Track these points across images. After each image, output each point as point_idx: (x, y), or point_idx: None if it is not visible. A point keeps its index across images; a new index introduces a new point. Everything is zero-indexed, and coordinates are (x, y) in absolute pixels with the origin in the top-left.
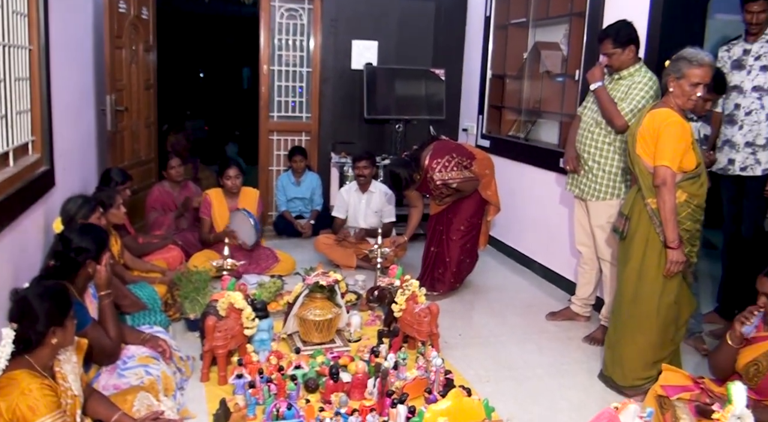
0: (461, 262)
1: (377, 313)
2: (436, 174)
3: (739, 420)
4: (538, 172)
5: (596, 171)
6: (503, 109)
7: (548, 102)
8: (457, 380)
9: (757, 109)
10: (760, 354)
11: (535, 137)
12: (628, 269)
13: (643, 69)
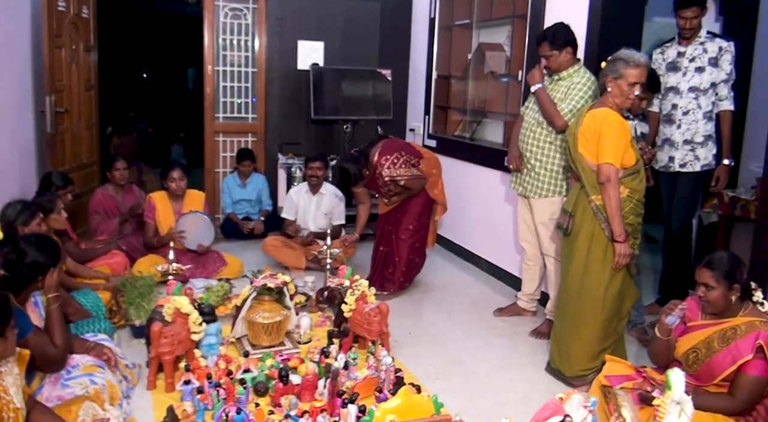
0: (410, 261)
1: (327, 314)
2: (384, 170)
3: (679, 405)
4: (484, 171)
5: (538, 169)
6: (449, 109)
7: (493, 102)
8: (407, 378)
9: (694, 109)
10: (698, 341)
11: (480, 137)
12: (573, 264)
13: (582, 70)
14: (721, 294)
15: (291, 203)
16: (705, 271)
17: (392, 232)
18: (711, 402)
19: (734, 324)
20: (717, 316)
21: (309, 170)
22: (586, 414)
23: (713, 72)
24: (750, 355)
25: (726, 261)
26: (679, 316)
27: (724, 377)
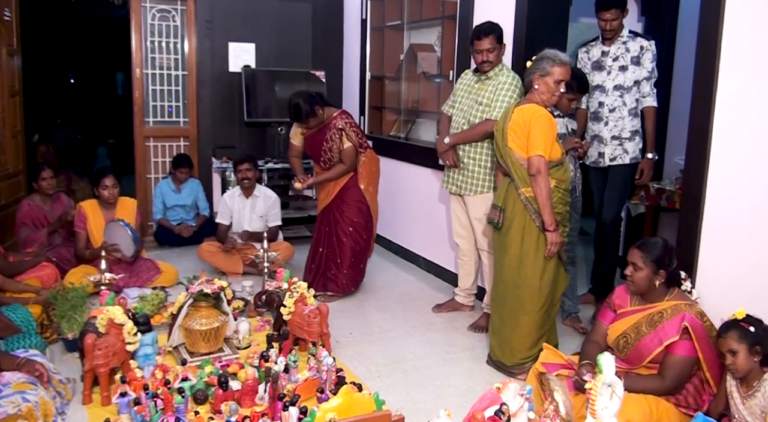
0: (354, 265)
1: (266, 318)
2: (340, 121)
3: (610, 387)
4: (419, 170)
5: (472, 167)
6: (384, 109)
7: (426, 102)
8: (348, 377)
9: (619, 106)
10: (628, 327)
11: (415, 136)
12: (508, 257)
13: (505, 69)
14: (646, 276)
15: (225, 207)
16: (636, 252)
17: (331, 234)
18: (642, 384)
19: (661, 308)
20: (645, 302)
21: (239, 173)
22: (522, 401)
23: (636, 70)
24: (676, 337)
25: (658, 247)
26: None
27: (653, 358)
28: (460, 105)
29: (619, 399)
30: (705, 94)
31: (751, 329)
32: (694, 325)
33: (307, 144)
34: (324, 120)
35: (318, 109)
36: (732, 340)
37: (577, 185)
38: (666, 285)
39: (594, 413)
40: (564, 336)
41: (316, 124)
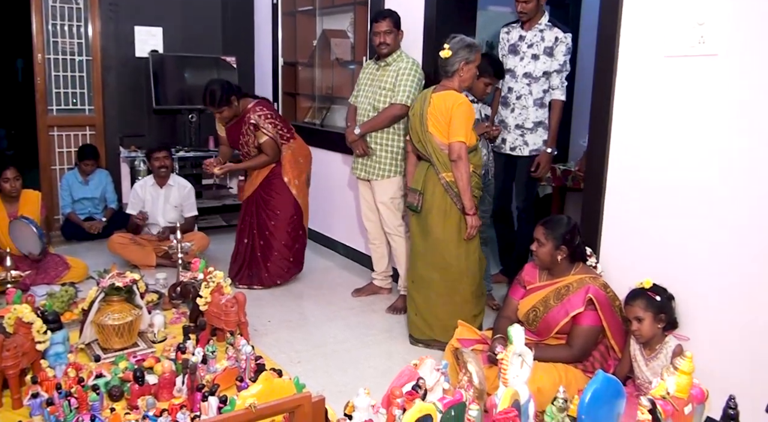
0: (278, 259)
1: (182, 310)
2: (254, 116)
3: (520, 356)
4: (335, 156)
5: (379, 152)
6: (298, 96)
7: (340, 88)
8: (268, 364)
9: (526, 95)
10: (537, 301)
11: (330, 123)
12: (431, 240)
13: (404, 55)
14: (549, 251)
15: (136, 198)
16: (540, 228)
17: (253, 226)
18: (551, 353)
19: (567, 282)
20: (552, 277)
21: (155, 161)
22: (438, 376)
23: (547, 61)
24: (581, 308)
25: (561, 224)
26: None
27: (560, 329)
28: (365, 93)
29: (529, 368)
30: (605, 80)
31: (657, 298)
32: (598, 296)
33: (228, 136)
34: (239, 113)
35: (234, 100)
36: (639, 308)
37: (490, 169)
38: (570, 260)
39: (506, 381)
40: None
41: (230, 116)
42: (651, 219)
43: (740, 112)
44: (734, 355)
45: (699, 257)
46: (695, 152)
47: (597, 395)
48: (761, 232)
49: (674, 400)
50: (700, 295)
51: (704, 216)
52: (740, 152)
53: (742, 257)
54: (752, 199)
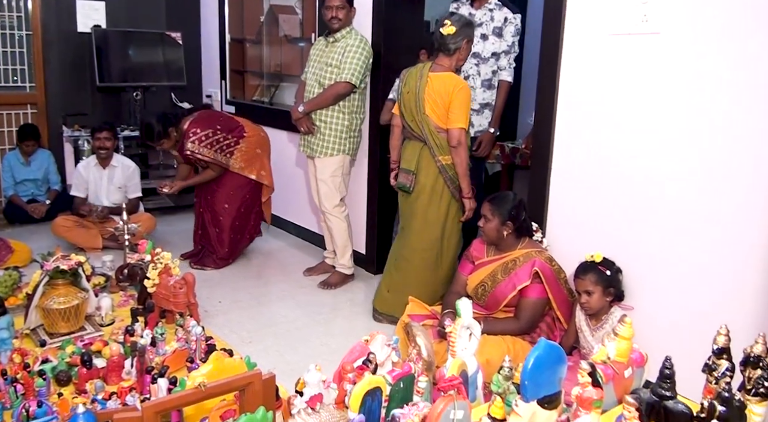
0: (234, 240)
1: (130, 293)
2: (188, 144)
3: (468, 329)
4: (284, 135)
5: (324, 129)
6: (246, 73)
7: (289, 66)
8: (219, 345)
9: (474, 75)
10: (485, 276)
11: (279, 101)
12: (417, 221)
13: (354, 32)
14: (495, 227)
15: (80, 179)
16: (486, 205)
17: (207, 210)
18: (500, 326)
19: (514, 256)
20: (499, 252)
21: (96, 141)
22: (389, 351)
23: (496, 42)
24: (528, 281)
25: (506, 201)
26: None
27: (508, 302)
28: (313, 70)
29: (476, 340)
30: (551, 58)
31: (608, 273)
32: (544, 270)
33: (182, 157)
34: (180, 138)
35: (171, 131)
36: (589, 282)
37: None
38: (516, 235)
39: (454, 354)
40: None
41: (171, 145)
42: (595, 194)
43: (683, 89)
44: (674, 323)
45: (641, 230)
46: (639, 129)
47: (539, 361)
48: (700, 206)
49: (615, 364)
50: (642, 266)
51: (646, 191)
52: (682, 129)
53: (682, 231)
54: (693, 174)
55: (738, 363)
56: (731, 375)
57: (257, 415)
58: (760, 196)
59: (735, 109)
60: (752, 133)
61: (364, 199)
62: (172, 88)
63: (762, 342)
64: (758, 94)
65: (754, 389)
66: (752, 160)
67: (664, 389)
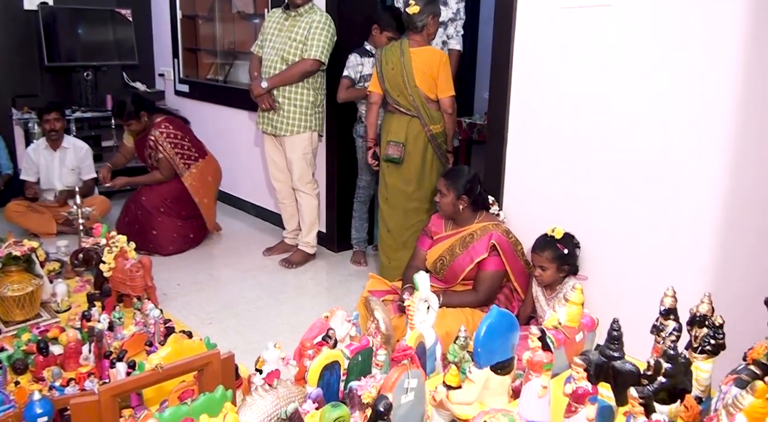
0: (176, 240)
1: (86, 278)
2: (156, 132)
3: (426, 302)
4: (240, 114)
5: (287, 106)
6: (199, 51)
7: (243, 43)
8: (178, 327)
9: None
10: (444, 250)
11: (234, 79)
12: (410, 187)
13: (317, 7)
14: (450, 201)
15: (30, 162)
16: (442, 180)
17: (140, 205)
18: (459, 299)
19: (471, 230)
20: (457, 226)
21: (45, 123)
22: (349, 326)
23: (442, 10)
24: (485, 254)
25: (461, 175)
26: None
27: (466, 275)
28: (272, 43)
29: (434, 312)
30: (504, 31)
31: (565, 251)
32: (501, 242)
33: (137, 149)
34: (147, 127)
35: (143, 115)
36: (545, 259)
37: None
38: (472, 209)
39: (413, 326)
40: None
41: (138, 129)
42: (550, 167)
43: (635, 61)
44: (627, 290)
45: (596, 201)
46: (593, 101)
47: (491, 328)
48: (653, 177)
49: (566, 329)
50: (596, 237)
51: (601, 162)
52: (635, 100)
53: (636, 201)
54: (647, 145)
55: (685, 323)
56: (678, 334)
57: (216, 394)
58: (712, 166)
59: (687, 78)
60: (703, 101)
61: (323, 177)
62: (123, 68)
63: (708, 301)
64: (711, 64)
65: (701, 347)
66: (706, 130)
67: (612, 350)
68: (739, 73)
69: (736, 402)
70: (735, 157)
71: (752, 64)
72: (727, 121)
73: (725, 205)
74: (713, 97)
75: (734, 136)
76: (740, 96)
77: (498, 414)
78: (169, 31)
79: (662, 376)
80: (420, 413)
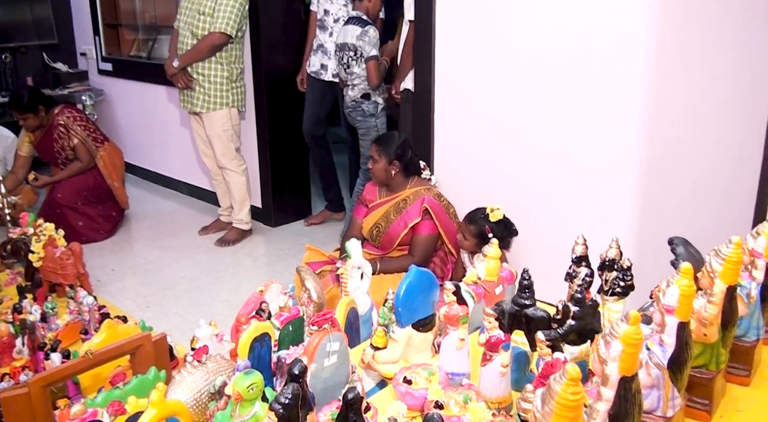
0: (104, 224)
1: (17, 270)
2: (62, 117)
3: (360, 269)
4: (166, 90)
5: (203, 82)
6: (120, 27)
7: (165, 17)
8: (113, 313)
9: (343, 17)
10: (379, 218)
11: (158, 55)
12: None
13: None
14: (383, 167)
15: None
16: (374, 146)
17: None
18: (395, 264)
19: (404, 196)
20: (390, 193)
21: None
22: (285, 298)
23: None
24: (418, 218)
25: (392, 141)
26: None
27: (401, 241)
28: (185, 17)
29: (368, 279)
30: None
31: (490, 236)
32: (433, 206)
33: (41, 152)
34: (46, 123)
35: (41, 109)
36: (469, 231)
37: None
38: (404, 174)
39: (347, 293)
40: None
41: (35, 125)
42: (477, 131)
43: (554, 29)
44: (552, 246)
45: (523, 163)
46: (514, 67)
47: (411, 287)
48: (576, 138)
49: (485, 283)
50: (520, 196)
51: (526, 124)
52: (553, 65)
53: (557, 166)
54: (569, 107)
55: (596, 269)
56: (590, 280)
57: (149, 376)
58: (628, 129)
59: (599, 43)
60: (619, 67)
61: (255, 152)
62: (43, 48)
63: (615, 246)
64: (619, 29)
65: (611, 289)
66: (625, 94)
67: (524, 298)
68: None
69: (612, 330)
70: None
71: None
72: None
73: (639, 162)
74: (628, 63)
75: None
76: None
77: (418, 369)
78: (88, 7)
79: (571, 319)
80: (345, 374)
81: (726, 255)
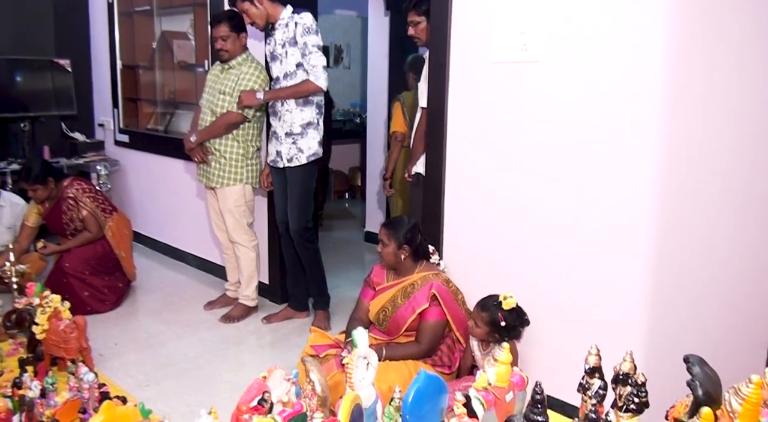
0: (109, 295)
1: (20, 340)
2: (71, 190)
3: (366, 359)
4: (181, 164)
5: (219, 158)
6: (139, 101)
7: (184, 93)
8: (113, 392)
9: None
10: (386, 301)
11: (175, 129)
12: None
13: (250, 59)
14: (392, 251)
15: None
16: (383, 230)
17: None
18: (402, 351)
19: (412, 280)
20: (398, 276)
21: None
22: (289, 386)
23: (294, 51)
24: (426, 304)
25: (402, 225)
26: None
27: (408, 326)
28: (208, 95)
29: (374, 369)
30: (438, 85)
31: (502, 323)
32: (441, 291)
33: (49, 223)
34: (54, 195)
35: (50, 181)
36: (481, 318)
37: None
38: (413, 258)
39: (352, 385)
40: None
41: (44, 196)
42: (488, 216)
43: (560, 115)
44: (555, 348)
45: (531, 254)
46: (523, 154)
47: (419, 393)
48: (586, 232)
49: (495, 390)
50: (531, 289)
51: (535, 212)
52: (562, 152)
53: (568, 255)
54: (577, 196)
55: (610, 381)
56: (604, 392)
57: None
58: (638, 219)
59: (607, 130)
60: (624, 151)
61: (265, 228)
62: (62, 118)
63: (629, 359)
64: (626, 114)
65: (625, 405)
66: (631, 177)
67: (536, 413)
68: (662, 130)
69: None
70: (662, 233)
71: (679, 117)
72: (653, 178)
73: (653, 268)
74: (632, 144)
75: (661, 193)
76: (663, 148)
77: None
78: (109, 81)
79: None
80: None
81: (746, 395)
